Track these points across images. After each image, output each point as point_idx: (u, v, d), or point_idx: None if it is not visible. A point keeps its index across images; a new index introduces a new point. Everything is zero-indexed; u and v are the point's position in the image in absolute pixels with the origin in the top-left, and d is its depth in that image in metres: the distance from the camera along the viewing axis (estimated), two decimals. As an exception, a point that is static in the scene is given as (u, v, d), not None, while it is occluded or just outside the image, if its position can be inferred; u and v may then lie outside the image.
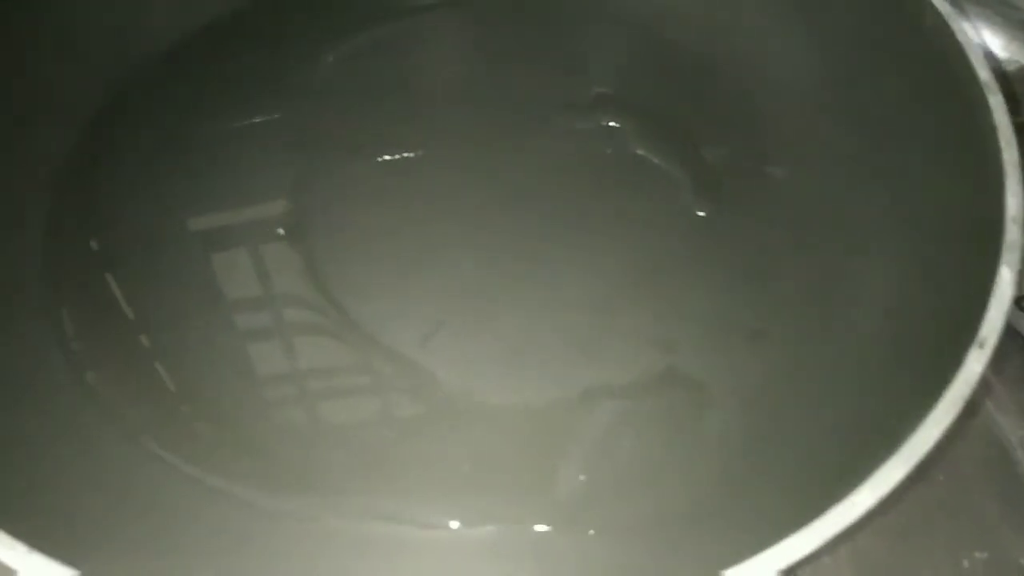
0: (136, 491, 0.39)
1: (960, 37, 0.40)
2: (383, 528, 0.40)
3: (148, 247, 0.47)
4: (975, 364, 0.33)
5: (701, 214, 0.48)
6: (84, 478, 0.38)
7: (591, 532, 0.39)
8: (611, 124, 0.50)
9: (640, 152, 0.49)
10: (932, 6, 0.42)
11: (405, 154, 0.49)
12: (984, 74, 0.39)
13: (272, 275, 0.46)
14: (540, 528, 0.40)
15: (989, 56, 0.51)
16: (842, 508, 0.31)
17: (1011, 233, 0.36)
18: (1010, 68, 0.52)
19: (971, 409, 0.35)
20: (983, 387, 0.41)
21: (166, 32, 0.52)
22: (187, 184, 0.48)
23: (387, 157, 0.49)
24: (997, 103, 0.39)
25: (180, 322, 0.45)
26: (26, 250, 0.45)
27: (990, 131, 0.38)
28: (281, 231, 0.47)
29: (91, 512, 0.37)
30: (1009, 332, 0.38)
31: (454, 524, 0.40)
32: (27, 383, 0.41)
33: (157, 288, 0.46)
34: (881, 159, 0.46)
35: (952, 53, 0.41)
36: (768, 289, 0.45)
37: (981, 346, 0.34)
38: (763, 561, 0.31)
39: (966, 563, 0.42)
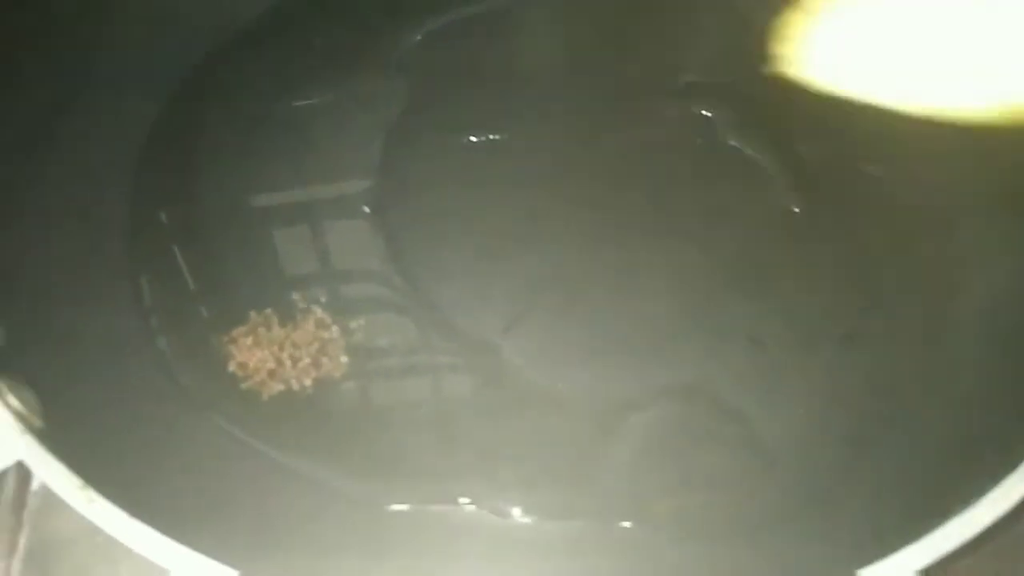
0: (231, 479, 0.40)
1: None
2: (457, 513, 0.39)
3: (229, 221, 0.46)
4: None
5: (795, 210, 0.46)
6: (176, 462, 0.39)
7: (680, 534, 0.38)
8: (702, 112, 0.48)
9: (732, 143, 0.48)
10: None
11: (492, 136, 0.48)
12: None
13: (353, 253, 0.46)
14: (624, 525, 0.39)
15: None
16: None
17: None
18: None
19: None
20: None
21: (253, 6, 0.51)
22: (271, 159, 0.48)
23: (474, 139, 0.48)
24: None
25: (257, 298, 0.44)
26: (111, 220, 0.45)
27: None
28: (367, 208, 0.46)
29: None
30: None
31: (532, 516, 0.39)
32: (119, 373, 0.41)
33: (236, 263, 0.45)
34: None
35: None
36: (863, 291, 0.44)
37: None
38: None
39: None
